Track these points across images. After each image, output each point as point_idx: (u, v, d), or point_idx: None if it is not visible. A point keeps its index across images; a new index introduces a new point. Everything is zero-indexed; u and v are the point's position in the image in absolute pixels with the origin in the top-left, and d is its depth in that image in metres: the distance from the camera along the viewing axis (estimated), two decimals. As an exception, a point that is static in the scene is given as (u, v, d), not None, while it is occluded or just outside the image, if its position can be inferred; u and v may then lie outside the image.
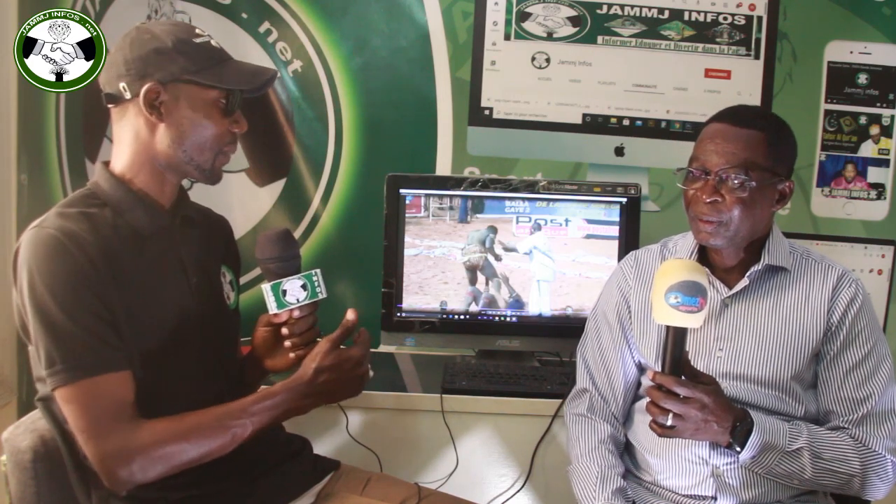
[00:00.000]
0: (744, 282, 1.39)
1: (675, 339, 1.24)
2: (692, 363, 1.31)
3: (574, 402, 1.53)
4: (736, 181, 1.30)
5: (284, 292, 1.30)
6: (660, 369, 1.27)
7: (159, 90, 1.21)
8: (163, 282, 1.25)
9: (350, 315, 1.28)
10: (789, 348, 1.36)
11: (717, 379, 1.32)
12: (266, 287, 1.30)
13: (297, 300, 1.30)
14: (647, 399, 1.27)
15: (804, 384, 1.38)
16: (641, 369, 1.49)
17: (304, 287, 1.30)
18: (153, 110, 1.21)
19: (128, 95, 1.22)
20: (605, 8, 2.16)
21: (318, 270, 1.32)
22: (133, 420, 1.14)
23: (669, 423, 1.24)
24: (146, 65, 1.20)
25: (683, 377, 1.25)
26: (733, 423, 1.27)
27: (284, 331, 1.35)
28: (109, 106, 1.26)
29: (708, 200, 1.31)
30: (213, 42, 1.27)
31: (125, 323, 1.17)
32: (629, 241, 1.89)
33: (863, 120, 2.20)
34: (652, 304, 1.26)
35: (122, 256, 1.20)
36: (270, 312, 1.31)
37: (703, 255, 1.44)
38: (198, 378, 1.28)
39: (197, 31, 1.26)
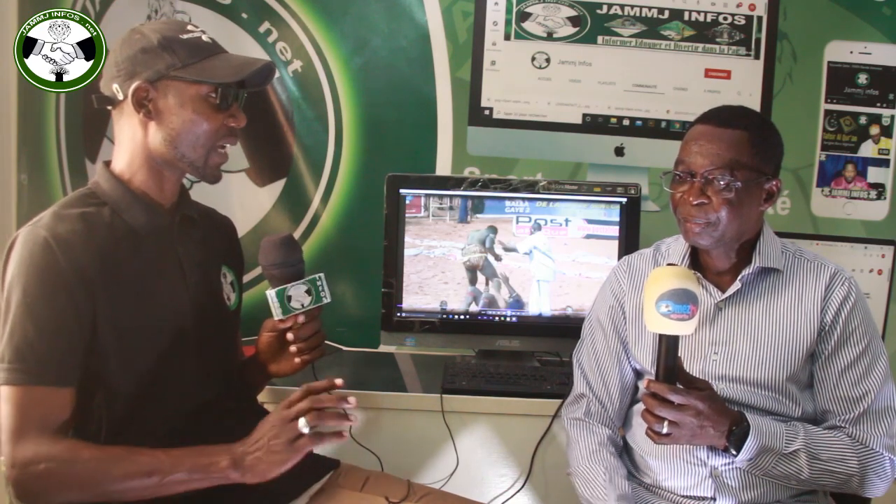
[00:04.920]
0: (736, 285, 1.38)
1: (668, 346, 1.24)
2: (687, 366, 1.31)
3: (571, 407, 1.53)
4: (721, 182, 1.30)
5: (289, 298, 1.30)
6: (654, 376, 1.27)
7: (147, 89, 1.21)
8: (159, 281, 1.25)
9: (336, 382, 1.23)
10: (784, 349, 1.36)
11: (713, 382, 1.33)
12: (271, 293, 1.30)
13: (302, 305, 1.30)
14: (643, 406, 1.27)
15: (800, 385, 1.38)
16: (638, 374, 1.49)
17: (308, 292, 1.30)
18: (143, 109, 1.22)
19: (120, 96, 1.23)
20: (605, 8, 2.16)
21: (321, 275, 1.32)
22: (55, 435, 1.12)
23: (665, 430, 1.24)
24: (134, 64, 1.21)
25: (678, 384, 1.25)
26: (729, 427, 1.27)
27: (290, 336, 1.35)
28: (108, 108, 1.26)
29: (695, 203, 1.31)
30: (204, 37, 1.26)
31: (112, 328, 1.17)
32: (629, 241, 1.89)
33: (863, 120, 2.20)
34: (643, 313, 1.26)
35: (117, 257, 1.20)
36: (276, 318, 1.31)
37: (696, 259, 1.44)
38: (196, 378, 1.28)
39: (188, 27, 1.26)
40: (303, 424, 1.14)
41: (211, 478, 1.15)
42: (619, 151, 2.20)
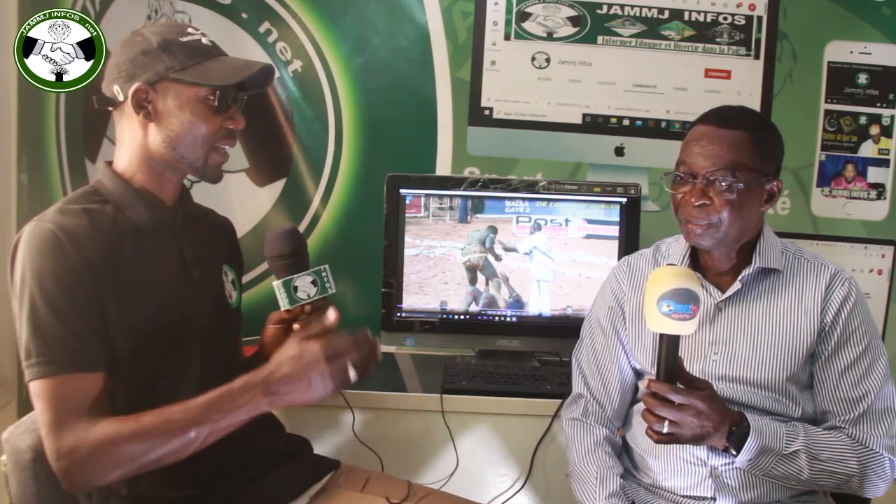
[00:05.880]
0: (736, 285, 1.38)
1: (669, 346, 1.24)
2: (687, 366, 1.31)
3: (570, 408, 1.53)
4: (723, 183, 1.30)
5: (296, 288, 1.31)
6: (655, 375, 1.27)
7: (147, 91, 1.22)
8: (163, 276, 1.26)
9: (330, 315, 1.22)
10: (784, 350, 1.36)
11: (713, 382, 1.32)
12: (277, 284, 1.31)
13: (309, 296, 1.31)
14: (644, 406, 1.27)
15: (800, 385, 1.38)
16: (638, 374, 1.49)
17: (314, 283, 1.31)
18: (142, 110, 1.22)
19: (121, 98, 1.23)
20: (605, 8, 2.16)
21: (326, 266, 1.33)
22: (92, 417, 1.12)
23: (665, 430, 1.24)
24: (134, 66, 1.22)
25: (678, 383, 1.25)
26: (730, 427, 1.27)
27: (296, 327, 1.35)
28: (110, 109, 1.27)
29: (696, 204, 1.31)
30: (204, 40, 1.27)
31: (120, 322, 1.17)
32: (629, 241, 1.89)
33: (863, 120, 2.20)
34: (644, 313, 1.26)
35: (121, 252, 1.20)
36: (283, 309, 1.32)
37: (696, 259, 1.44)
38: (199, 374, 1.28)
39: (189, 29, 1.27)
40: (352, 373, 1.19)
41: (251, 414, 1.15)
42: (619, 151, 2.20)
